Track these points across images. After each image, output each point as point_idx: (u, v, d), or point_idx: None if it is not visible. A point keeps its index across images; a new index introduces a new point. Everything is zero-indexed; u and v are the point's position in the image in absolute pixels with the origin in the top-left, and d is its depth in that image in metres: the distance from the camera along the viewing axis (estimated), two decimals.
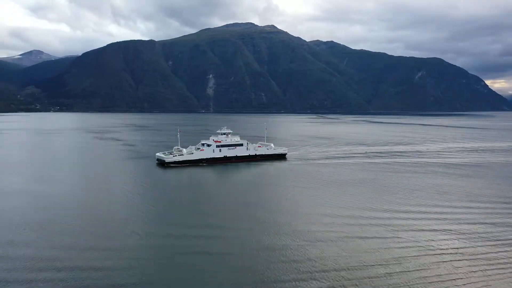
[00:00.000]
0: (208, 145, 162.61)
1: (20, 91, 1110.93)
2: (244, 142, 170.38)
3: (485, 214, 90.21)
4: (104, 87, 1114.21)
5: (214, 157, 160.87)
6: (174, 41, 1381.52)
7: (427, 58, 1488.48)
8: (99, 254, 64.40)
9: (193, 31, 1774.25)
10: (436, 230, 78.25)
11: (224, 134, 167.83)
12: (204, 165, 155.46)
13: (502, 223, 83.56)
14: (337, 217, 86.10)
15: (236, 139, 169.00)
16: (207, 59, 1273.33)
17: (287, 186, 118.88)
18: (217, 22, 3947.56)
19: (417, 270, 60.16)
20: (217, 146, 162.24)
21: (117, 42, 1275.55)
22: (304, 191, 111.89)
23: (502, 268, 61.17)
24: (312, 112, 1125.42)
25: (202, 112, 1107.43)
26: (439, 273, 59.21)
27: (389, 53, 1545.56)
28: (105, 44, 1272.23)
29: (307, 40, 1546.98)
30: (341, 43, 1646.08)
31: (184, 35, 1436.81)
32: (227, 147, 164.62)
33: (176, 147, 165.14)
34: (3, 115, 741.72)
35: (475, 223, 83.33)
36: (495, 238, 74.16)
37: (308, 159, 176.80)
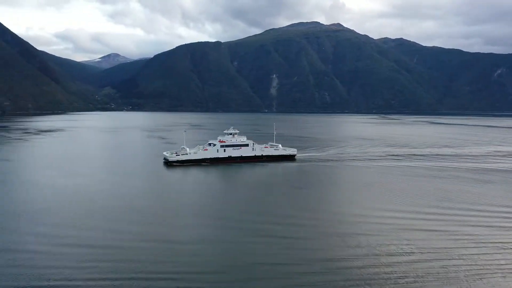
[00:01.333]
0: (214, 145, 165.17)
1: (98, 91, 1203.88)
2: (250, 142, 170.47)
3: None
4: (172, 88, 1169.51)
5: (218, 157, 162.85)
6: (240, 42, 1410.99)
7: (508, 54, 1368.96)
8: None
9: (258, 31, 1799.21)
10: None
11: (231, 134, 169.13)
12: (207, 165, 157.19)
13: None
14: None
15: (242, 140, 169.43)
16: (271, 59, 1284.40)
17: (292, 187, 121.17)
18: (282, 22, 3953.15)
19: None
20: (221, 146, 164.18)
21: (185, 44, 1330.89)
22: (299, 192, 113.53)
23: None
24: (377, 112, 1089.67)
25: (265, 112, 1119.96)
26: None
27: (465, 50, 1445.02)
28: (174, 46, 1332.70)
29: (375, 37, 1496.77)
30: (411, 40, 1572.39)
31: (250, 36, 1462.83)
32: (232, 147, 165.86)
33: (182, 146, 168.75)
34: (81, 114, 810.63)
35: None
36: None
37: (323, 160, 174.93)
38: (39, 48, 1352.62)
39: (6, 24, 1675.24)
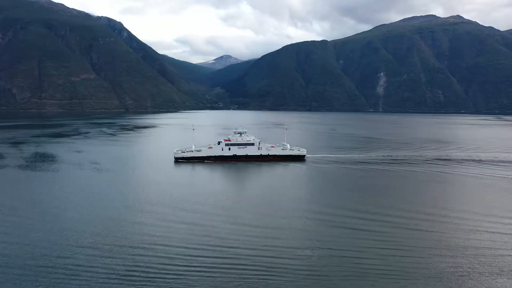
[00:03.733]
0: (219, 143, 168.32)
1: (209, 91, 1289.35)
2: (256, 141, 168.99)
3: None
4: (277, 87, 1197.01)
5: (222, 155, 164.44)
6: (346, 40, 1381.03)
7: None
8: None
9: (367, 28, 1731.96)
10: None
11: (238, 133, 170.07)
12: (209, 162, 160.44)
13: None
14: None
15: (248, 139, 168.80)
16: (379, 57, 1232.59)
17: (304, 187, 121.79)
18: (393, 17, 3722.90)
19: None
20: (226, 145, 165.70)
21: (291, 44, 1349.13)
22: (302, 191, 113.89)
23: None
24: (500, 113, 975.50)
25: (370, 112, 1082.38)
26: None
27: None
28: (281, 47, 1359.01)
29: (502, 29, 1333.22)
30: None
31: (357, 33, 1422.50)
32: (237, 146, 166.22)
33: (193, 144, 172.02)
34: (190, 112, 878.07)
35: None
36: None
37: (342, 162, 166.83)
38: (160, 52, 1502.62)
39: (133, 31, 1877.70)
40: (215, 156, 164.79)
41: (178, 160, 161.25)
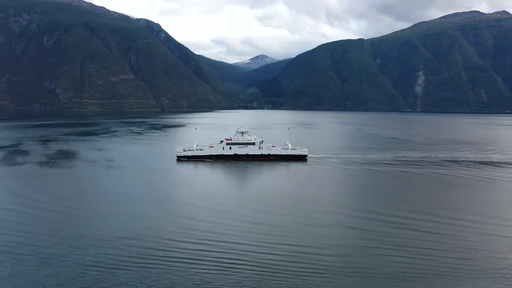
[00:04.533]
0: (221, 142, 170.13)
1: (244, 91, 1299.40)
2: (257, 141, 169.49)
3: None
4: (311, 86, 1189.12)
5: (223, 154, 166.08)
6: (383, 38, 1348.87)
7: None
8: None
9: (406, 25, 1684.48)
10: None
11: (241, 133, 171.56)
12: (210, 161, 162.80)
13: None
14: None
15: (249, 138, 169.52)
16: (418, 55, 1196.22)
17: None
18: (434, 14, 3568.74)
19: None
20: (227, 144, 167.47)
21: (326, 43, 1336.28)
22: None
23: None
24: None
25: (407, 112, 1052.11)
26: None
27: None
28: (317, 46, 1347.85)
29: None
30: None
31: (395, 31, 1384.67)
32: (238, 145, 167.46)
33: (195, 144, 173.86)
34: (223, 112, 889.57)
35: None
36: None
37: (350, 162, 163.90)
38: (197, 52, 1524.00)
39: (170, 32, 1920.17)
40: (216, 155, 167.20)
41: (180, 159, 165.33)
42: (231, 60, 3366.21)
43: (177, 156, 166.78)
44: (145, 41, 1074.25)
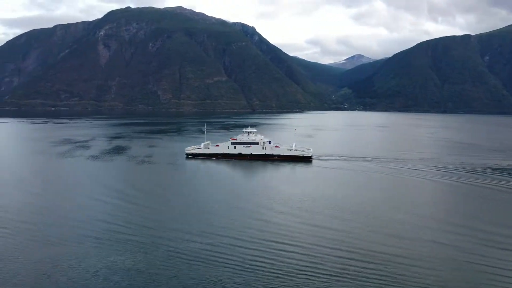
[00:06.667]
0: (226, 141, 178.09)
1: (336, 92, 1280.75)
2: (261, 141, 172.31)
3: None
4: (408, 87, 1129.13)
5: (228, 153, 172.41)
6: (494, 33, 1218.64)
7: None
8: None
9: None
10: None
11: (246, 133, 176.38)
12: (215, 159, 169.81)
13: None
14: None
15: (254, 138, 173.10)
16: None
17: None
18: None
19: None
20: (232, 143, 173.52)
21: (426, 40, 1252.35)
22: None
23: None
24: None
25: None
26: None
27: None
28: (416, 44, 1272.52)
29: None
30: None
31: (509, 25, 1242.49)
32: (242, 145, 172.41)
33: (204, 142, 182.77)
34: (312, 113, 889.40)
35: None
36: None
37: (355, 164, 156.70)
38: (291, 53, 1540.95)
39: (265, 35, 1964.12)
40: (221, 153, 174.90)
41: (189, 156, 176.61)
42: (326, 60, 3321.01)
43: (186, 154, 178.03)
44: (239, 44, 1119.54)
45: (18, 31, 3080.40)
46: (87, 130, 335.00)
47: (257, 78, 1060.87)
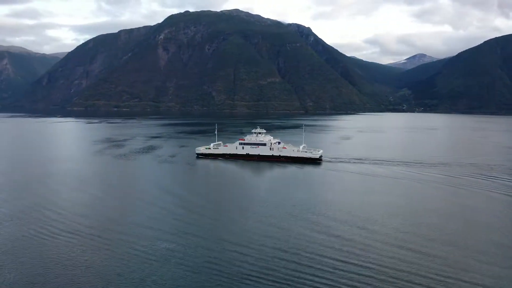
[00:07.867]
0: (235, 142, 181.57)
1: (394, 93, 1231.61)
2: (268, 142, 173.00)
3: None
4: (473, 87, 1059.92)
5: (236, 154, 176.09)
6: None
7: None
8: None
9: None
10: None
11: (255, 133, 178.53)
12: (223, 159, 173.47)
13: None
14: None
15: (261, 139, 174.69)
16: None
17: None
18: None
19: None
20: (240, 144, 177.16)
21: (495, 38, 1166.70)
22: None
23: None
24: None
25: None
26: None
27: None
28: (483, 41, 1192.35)
29: None
30: None
31: None
32: (250, 146, 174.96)
33: (214, 143, 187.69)
34: (366, 115, 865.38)
35: None
36: None
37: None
38: (349, 54, 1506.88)
39: (321, 35, 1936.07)
40: (229, 154, 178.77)
41: (199, 156, 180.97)
42: (386, 60, 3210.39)
43: (196, 154, 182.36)
44: (293, 45, 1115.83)
45: (87, 37, 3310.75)
46: (131, 130, 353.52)
47: (311, 79, 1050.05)
